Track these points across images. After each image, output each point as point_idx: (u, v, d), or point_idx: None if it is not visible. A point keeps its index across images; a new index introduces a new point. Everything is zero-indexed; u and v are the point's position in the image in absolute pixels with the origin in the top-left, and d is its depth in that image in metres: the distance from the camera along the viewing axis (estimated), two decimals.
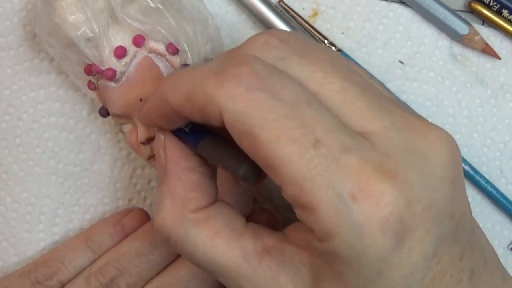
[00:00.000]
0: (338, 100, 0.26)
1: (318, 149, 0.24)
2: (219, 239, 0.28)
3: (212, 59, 0.36)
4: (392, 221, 0.24)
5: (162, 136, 0.30)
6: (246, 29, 0.41)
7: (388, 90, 0.41)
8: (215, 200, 0.30)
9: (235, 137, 0.26)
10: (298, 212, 0.26)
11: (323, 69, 0.26)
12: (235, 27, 0.41)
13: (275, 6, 0.41)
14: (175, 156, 0.29)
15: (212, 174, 0.30)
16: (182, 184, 0.29)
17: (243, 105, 0.25)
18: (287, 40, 0.28)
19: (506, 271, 0.31)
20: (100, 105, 0.37)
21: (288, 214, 0.38)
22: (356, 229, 0.24)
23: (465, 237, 0.27)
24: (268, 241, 0.28)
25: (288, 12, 0.41)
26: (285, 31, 0.28)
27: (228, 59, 0.26)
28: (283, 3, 0.41)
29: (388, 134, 0.26)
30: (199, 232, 0.28)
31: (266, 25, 0.40)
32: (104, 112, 0.36)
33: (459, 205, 0.26)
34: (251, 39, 0.28)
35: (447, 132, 0.27)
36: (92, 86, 0.36)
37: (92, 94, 0.36)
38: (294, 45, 0.27)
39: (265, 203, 0.40)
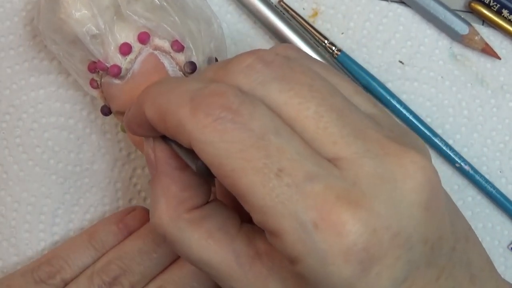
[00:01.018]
0: (311, 126, 0.26)
1: (281, 178, 0.25)
2: (213, 241, 0.28)
3: (216, 58, 0.36)
4: (355, 250, 0.24)
5: (151, 138, 0.30)
6: (246, 29, 0.41)
7: (390, 91, 0.41)
8: (209, 198, 0.30)
9: (206, 164, 0.26)
10: (267, 236, 0.26)
11: (300, 94, 0.27)
12: (235, 27, 0.41)
13: (275, 6, 0.41)
14: (165, 156, 0.29)
15: None
16: (174, 184, 0.29)
17: (211, 135, 0.25)
18: (271, 63, 0.28)
19: (502, 280, 0.31)
20: (101, 104, 0.37)
21: None
22: (319, 257, 0.24)
23: (443, 258, 0.27)
24: (261, 245, 0.28)
25: (288, 12, 0.41)
26: (273, 51, 0.29)
27: (207, 86, 0.27)
28: (283, 3, 0.41)
29: (360, 161, 0.26)
30: (194, 233, 0.28)
31: (266, 25, 0.40)
32: (106, 111, 0.36)
33: (434, 228, 0.26)
34: (237, 59, 0.28)
35: (423, 156, 0.26)
36: (94, 84, 0.36)
37: (94, 93, 0.36)
38: (277, 69, 0.28)
39: None
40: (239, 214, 0.30)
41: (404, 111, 0.41)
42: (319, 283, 0.25)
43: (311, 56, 0.31)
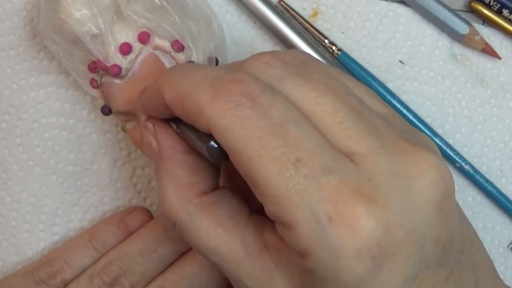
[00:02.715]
0: (328, 120, 0.26)
1: (299, 169, 0.25)
2: (222, 229, 0.28)
3: (216, 58, 0.36)
4: (368, 245, 0.24)
5: (150, 125, 0.30)
6: (246, 29, 0.41)
7: (390, 91, 0.41)
8: (217, 184, 0.30)
9: (225, 149, 0.26)
10: (278, 229, 0.26)
11: (317, 89, 0.27)
12: (235, 27, 0.41)
13: (275, 6, 0.41)
14: (169, 141, 0.29)
15: None
16: (181, 168, 0.29)
17: (230, 121, 0.25)
18: (288, 62, 0.28)
19: (504, 287, 0.31)
20: (101, 104, 0.37)
21: None
22: (331, 250, 0.24)
23: (453, 260, 0.27)
24: (270, 237, 0.28)
25: (288, 11, 0.41)
26: (289, 53, 0.29)
27: (227, 73, 0.27)
28: (283, 2, 0.41)
29: (374, 156, 0.26)
30: (203, 220, 0.28)
31: (266, 25, 0.40)
32: (107, 110, 0.36)
33: (446, 228, 0.26)
34: (255, 56, 0.28)
35: (436, 156, 0.26)
36: (94, 84, 0.36)
37: (94, 92, 0.36)
38: (294, 67, 0.28)
39: None
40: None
41: (405, 111, 0.41)
42: (329, 278, 0.25)
43: (322, 61, 0.31)
